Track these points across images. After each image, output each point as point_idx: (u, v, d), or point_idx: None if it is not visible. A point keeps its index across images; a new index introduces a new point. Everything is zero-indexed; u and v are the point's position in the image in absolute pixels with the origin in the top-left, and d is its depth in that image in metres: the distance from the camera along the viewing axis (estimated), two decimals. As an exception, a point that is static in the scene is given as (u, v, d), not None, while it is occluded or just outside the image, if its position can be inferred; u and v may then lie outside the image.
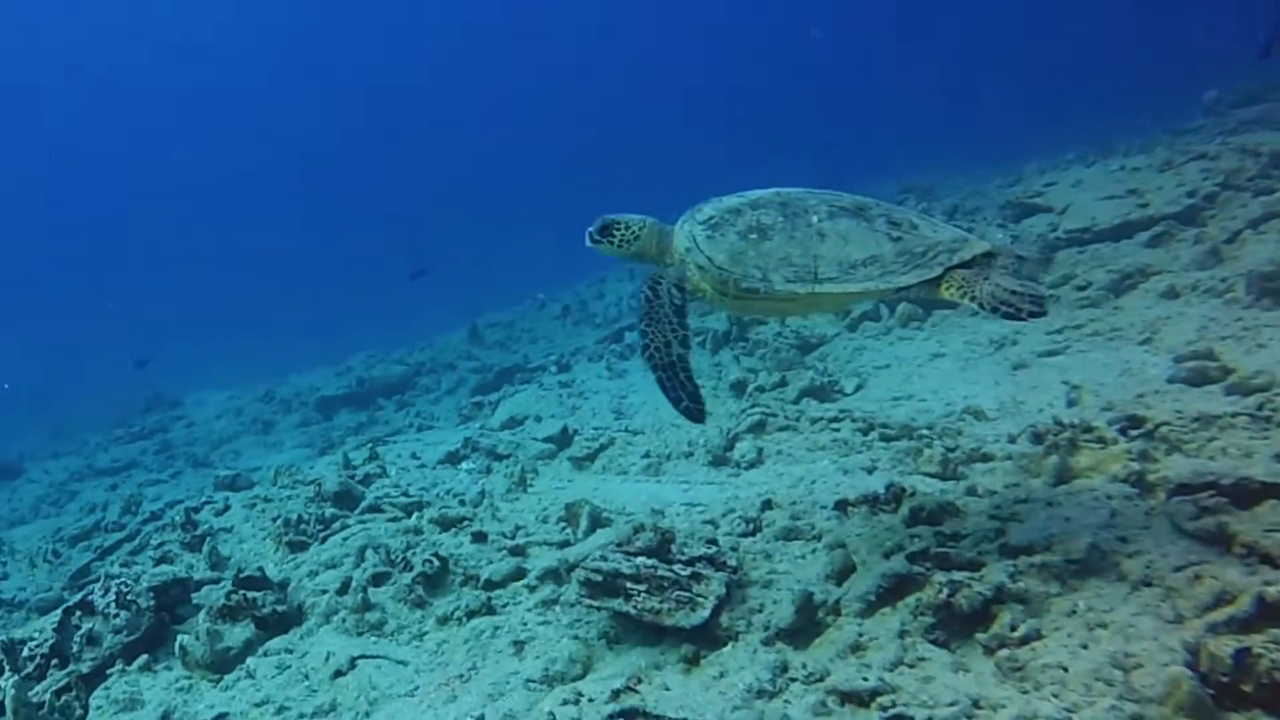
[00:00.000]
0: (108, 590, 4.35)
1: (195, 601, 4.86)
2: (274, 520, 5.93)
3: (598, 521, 4.84)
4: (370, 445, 7.45)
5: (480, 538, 4.86)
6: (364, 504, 5.75)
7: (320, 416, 12.89)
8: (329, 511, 5.63)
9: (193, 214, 49.77)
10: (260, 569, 4.68)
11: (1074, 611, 2.87)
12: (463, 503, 5.68)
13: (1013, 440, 4.79)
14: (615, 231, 3.45)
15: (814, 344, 7.75)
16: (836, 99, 42.71)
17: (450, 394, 11.68)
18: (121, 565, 5.53)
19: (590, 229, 3.50)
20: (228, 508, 6.57)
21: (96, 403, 17.99)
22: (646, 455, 6.13)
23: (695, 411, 3.15)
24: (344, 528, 5.42)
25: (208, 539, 5.89)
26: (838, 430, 5.74)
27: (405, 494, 5.83)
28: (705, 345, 8.53)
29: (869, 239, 3.12)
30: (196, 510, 6.66)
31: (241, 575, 4.56)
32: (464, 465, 6.96)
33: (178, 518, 6.11)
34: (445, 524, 5.20)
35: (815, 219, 3.17)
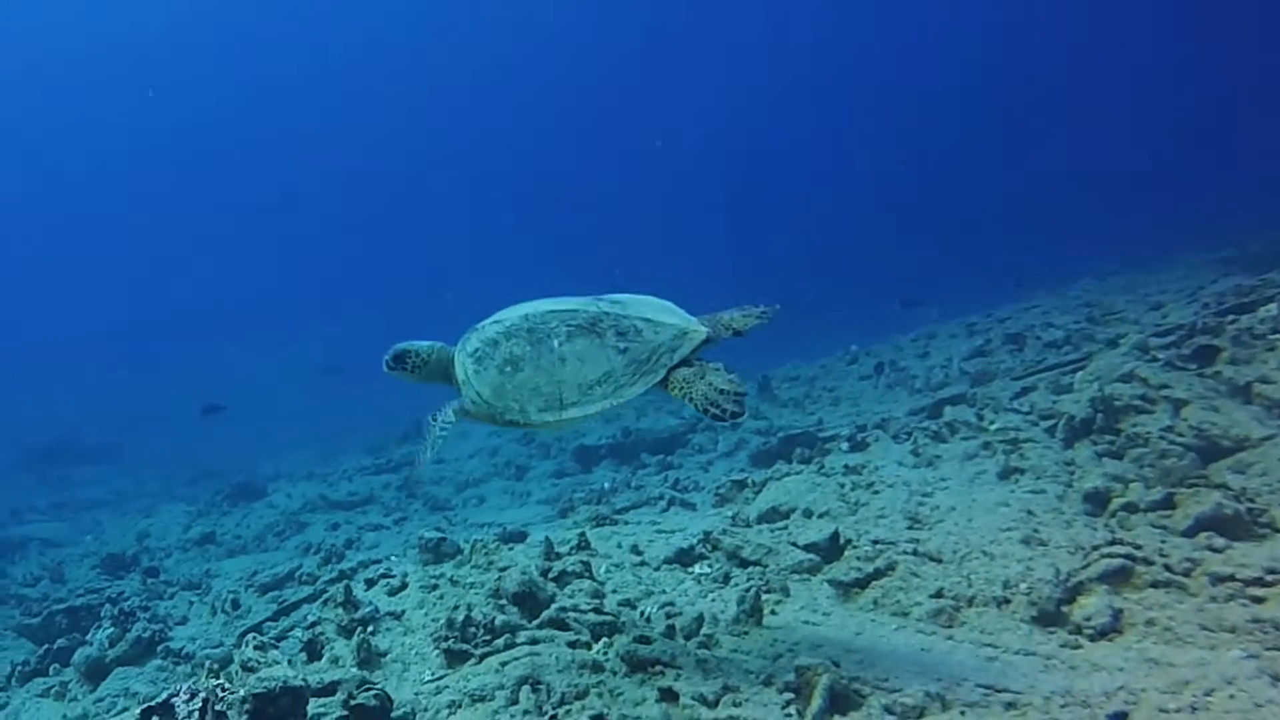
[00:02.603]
0: (194, 695, 3.92)
1: (314, 712, 4.36)
2: (455, 609, 5.40)
3: (841, 701, 3.71)
4: (584, 529, 6.79)
5: (670, 697, 3.91)
6: (548, 613, 5.02)
7: (577, 467, 12.80)
8: (502, 618, 4.95)
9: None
10: (380, 694, 4.07)
11: None
12: (670, 631, 4.74)
13: None
14: (407, 359, 4.09)
15: (1227, 448, 5.94)
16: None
17: (726, 457, 10.98)
18: (255, 648, 5.25)
19: (386, 357, 4.11)
20: (404, 586, 6.17)
21: (369, 424, 19.40)
22: (939, 594, 4.83)
23: (421, 470, 4.69)
24: (510, 645, 4.71)
25: (367, 625, 5.48)
26: (1261, 601, 4.11)
27: (599, 609, 5.00)
28: (1056, 434, 6.97)
29: (601, 357, 3.71)
30: (372, 583, 6.35)
31: (354, 701, 3.96)
32: (696, 569, 6.03)
33: (339, 594, 5.78)
34: (634, 664, 4.29)
35: (556, 343, 3.75)
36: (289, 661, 5.35)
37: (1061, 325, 10.98)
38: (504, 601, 5.24)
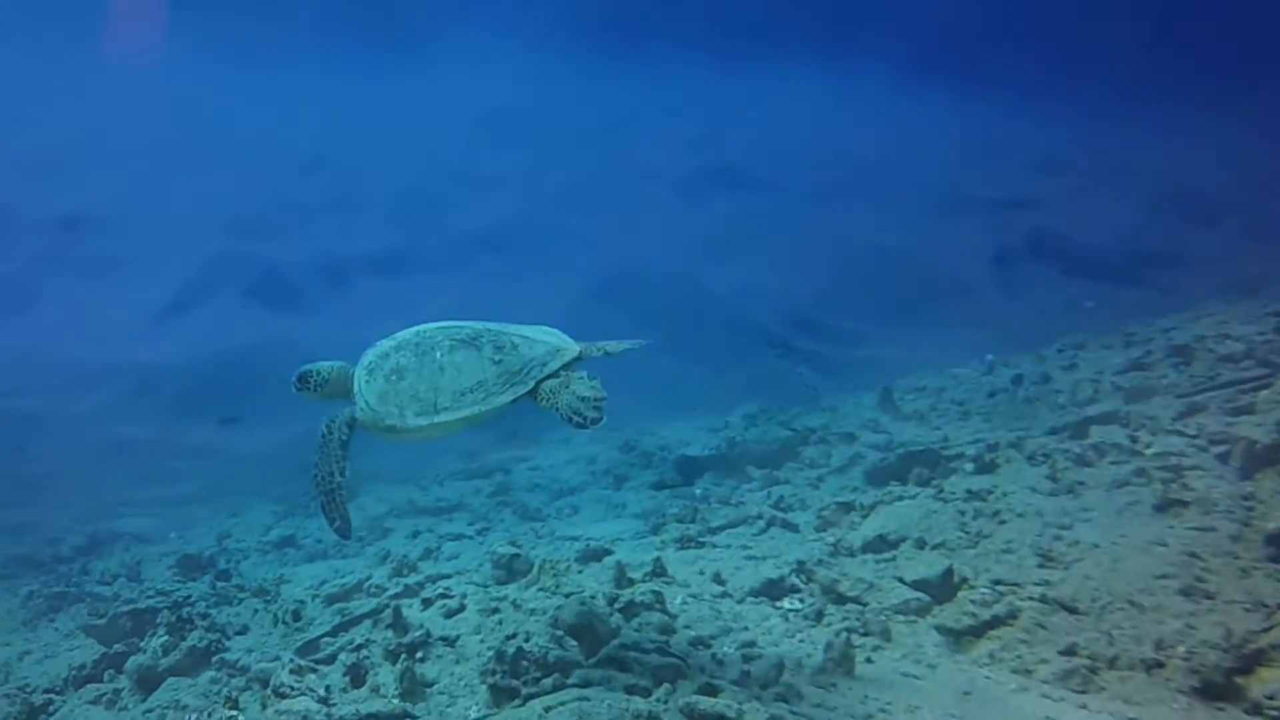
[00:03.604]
0: (199, 728, 3.62)
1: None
2: (507, 640, 5.00)
3: (939, 785, 3.11)
4: (660, 554, 6.30)
5: (729, 763, 3.39)
6: (607, 650, 4.55)
7: (679, 478, 12.24)
8: (556, 652, 4.52)
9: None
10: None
11: None
12: (744, 678, 4.22)
13: None
14: (310, 379, 4.46)
15: None
16: None
17: (839, 473, 10.22)
18: (291, 672, 4.96)
19: (291, 379, 4.49)
20: (463, 608, 5.80)
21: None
22: (1072, 651, 4.17)
23: (346, 532, 4.51)
24: (559, 686, 4.26)
25: (415, 651, 5.13)
26: None
27: (664, 648, 4.50)
28: (1230, 461, 6.13)
29: (477, 367, 4.19)
30: (429, 603, 6.02)
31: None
32: (785, 603, 5.48)
33: (389, 615, 5.45)
34: (695, 718, 3.80)
35: (439, 354, 4.22)
36: (327, 687, 5.06)
37: (1241, 336, 9.86)
38: (560, 633, 4.82)
